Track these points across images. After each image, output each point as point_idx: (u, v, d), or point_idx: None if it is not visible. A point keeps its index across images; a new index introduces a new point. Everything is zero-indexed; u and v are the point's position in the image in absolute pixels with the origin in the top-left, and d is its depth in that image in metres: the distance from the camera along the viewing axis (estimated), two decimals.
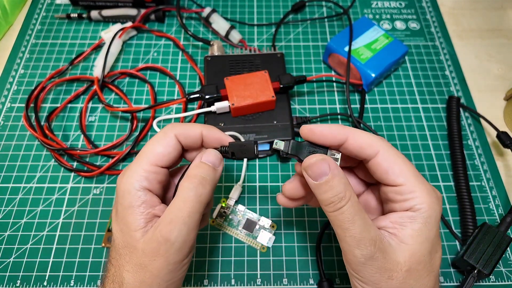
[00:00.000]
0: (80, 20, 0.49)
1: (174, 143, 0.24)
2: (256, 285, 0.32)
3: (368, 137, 0.23)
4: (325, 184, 0.22)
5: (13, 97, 0.42)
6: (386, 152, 0.23)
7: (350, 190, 0.22)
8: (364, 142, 0.23)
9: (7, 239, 0.34)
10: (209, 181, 0.24)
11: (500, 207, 0.37)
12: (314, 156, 0.23)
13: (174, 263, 0.22)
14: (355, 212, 0.21)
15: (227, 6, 0.51)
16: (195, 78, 0.45)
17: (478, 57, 0.47)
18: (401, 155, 0.23)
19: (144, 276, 0.22)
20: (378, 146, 0.23)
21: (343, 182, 0.22)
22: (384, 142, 0.23)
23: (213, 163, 0.24)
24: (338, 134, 0.23)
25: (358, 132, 0.23)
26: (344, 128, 0.24)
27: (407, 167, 0.23)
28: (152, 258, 0.22)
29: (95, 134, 0.40)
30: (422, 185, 0.22)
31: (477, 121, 0.42)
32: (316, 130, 0.24)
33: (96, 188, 0.37)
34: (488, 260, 0.31)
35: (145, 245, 0.22)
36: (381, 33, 0.44)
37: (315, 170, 0.22)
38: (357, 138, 0.23)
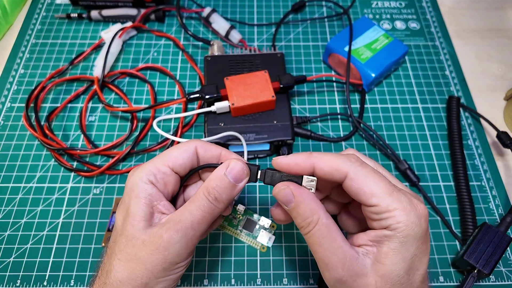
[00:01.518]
0: (80, 20, 0.49)
1: (192, 152, 0.25)
2: (256, 285, 0.32)
3: (334, 161, 0.23)
4: (293, 211, 0.23)
5: (13, 97, 0.42)
6: (354, 174, 0.22)
7: (318, 214, 0.22)
8: (330, 168, 0.23)
9: (7, 238, 0.34)
10: (225, 199, 0.24)
11: (500, 207, 0.37)
12: (279, 185, 0.24)
13: (170, 263, 0.22)
14: (322, 236, 0.22)
15: (227, 6, 0.51)
16: (195, 78, 0.45)
17: (478, 57, 0.47)
18: (371, 173, 0.22)
19: (136, 267, 0.22)
20: (345, 169, 0.23)
21: (309, 208, 0.23)
22: (351, 164, 0.23)
23: (235, 178, 0.24)
24: (303, 163, 0.23)
25: (324, 158, 0.23)
26: (309, 156, 0.23)
27: (379, 187, 0.22)
28: (150, 252, 0.22)
29: (95, 134, 0.40)
30: (398, 203, 0.21)
31: (477, 121, 0.42)
32: (282, 164, 0.24)
33: (96, 188, 0.37)
34: (488, 260, 0.31)
35: (148, 237, 0.22)
36: (381, 33, 0.44)
37: (281, 198, 0.23)
38: (322, 165, 0.23)
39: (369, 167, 0.23)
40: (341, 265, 0.21)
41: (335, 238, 0.22)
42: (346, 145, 0.40)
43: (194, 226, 0.23)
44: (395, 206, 0.21)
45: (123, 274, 0.22)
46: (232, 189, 0.24)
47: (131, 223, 0.23)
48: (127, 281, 0.22)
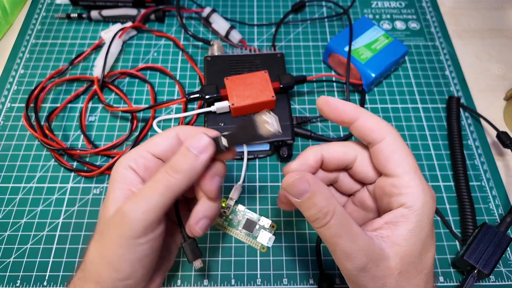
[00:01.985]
0: (80, 20, 0.49)
1: (172, 137, 0.25)
2: (256, 285, 0.32)
3: (379, 122, 0.23)
4: (308, 201, 0.22)
5: (13, 97, 0.42)
6: (392, 140, 0.23)
7: (334, 204, 0.21)
8: (373, 125, 0.23)
9: (7, 239, 0.34)
10: (185, 170, 0.23)
11: (500, 207, 0.37)
12: (292, 174, 0.22)
13: (126, 237, 0.22)
14: (341, 226, 0.21)
15: (227, 6, 0.51)
16: (195, 78, 0.45)
17: (478, 57, 0.47)
18: (406, 147, 0.23)
19: (101, 246, 0.23)
20: (386, 132, 0.23)
21: (325, 197, 0.21)
22: (393, 130, 0.23)
23: (198, 150, 0.23)
24: (351, 112, 0.23)
25: (370, 115, 0.24)
26: (357, 108, 0.24)
27: (408, 160, 0.22)
28: (108, 228, 0.23)
29: (95, 134, 0.40)
30: (418, 181, 0.22)
31: (477, 121, 0.42)
32: (331, 103, 0.24)
33: (96, 188, 0.37)
34: (488, 260, 0.31)
35: (110, 215, 0.23)
36: (381, 33, 0.44)
37: (295, 189, 0.22)
38: (368, 120, 0.23)
39: (403, 141, 0.23)
40: (364, 252, 0.21)
41: (353, 226, 0.21)
42: None
43: (147, 200, 0.22)
44: (416, 183, 0.22)
45: (93, 254, 0.23)
46: (193, 160, 0.23)
47: (105, 206, 0.24)
48: (96, 260, 0.23)
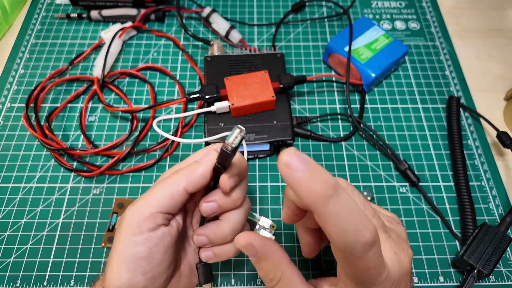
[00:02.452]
0: (80, 20, 0.49)
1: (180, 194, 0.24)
2: (256, 285, 0.32)
3: (338, 234, 0.17)
4: (255, 264, 0.22)
5: (13, 97, 0.42)
6: (345, 254, 0.18)
7: (281, 270, 0.21)
8: (328, 235, 0.18)
9: (7, 239, 0.34)
10: (183, 173, 0.24)
11: (500, 207, 0.37)
12: (241, 236, 0.21)
13: (124, 232, 0.23)
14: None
15: (227, 6, 0.51)
16: (195, 78, 0.44)
17: (478, 57, 0.47)
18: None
19: (110, 253, 0.24)
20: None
21: (271, 264, 0.21)
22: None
23: (200, 159, 0.25)
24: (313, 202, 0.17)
25: (333, 218, 0.17)
26: (321, 201, 0.17)
27: (358, 275, 0.19)
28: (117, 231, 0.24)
29: (95, 134, 0.40)
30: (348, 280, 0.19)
31: (477, 121, 0.42)
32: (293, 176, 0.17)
33: (96, 188, 0.37)
34: (488, 260, 0.31)
35: None
36: (381, 33, 0.44)
37: (245, 251, 0.22)
38: (326, 226, 0.17)
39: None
40: None
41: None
42: (346, 145, 0.40)
43: (143, 196, 0.23)
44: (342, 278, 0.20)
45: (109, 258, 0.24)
46: (194, 164, 0.24)
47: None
48: (108, 264, 0.23)
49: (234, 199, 0.25)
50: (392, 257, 0.21)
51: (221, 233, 0.26)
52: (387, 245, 0.21)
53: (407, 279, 0.22)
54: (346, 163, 0.39)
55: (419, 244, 0.34)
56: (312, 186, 0.16)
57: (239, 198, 0.25)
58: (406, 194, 0.37)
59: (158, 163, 0.38)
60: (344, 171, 0.38)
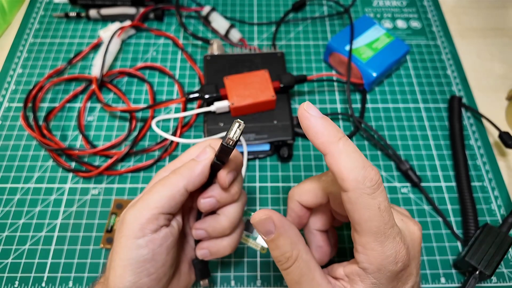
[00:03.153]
0: (79, 19, 0.49)
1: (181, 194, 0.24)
2: (256, 286, 0.32)
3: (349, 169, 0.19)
4: (272, 243, 0.21)
5: (11, 97, 0.42)
6: (355, 197, 0.19)
7: (298, 249, 0.21)
8: (340, 172, 0.19)
9: (5, 240, 0.34)
10: (182, 172, 0.24)
11: (502, 208, 0.36)
12: (259, 212, 0.21)
13: (126, 237, 0.22)
14: (301, 274, 0.21)
15: (227, 4, 0.51)
16: (194, 78, 0.44)
17: (480, 56, 0.47)
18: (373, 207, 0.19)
19: (110, 255, 0.24)
20: (349, 186, 0.19)
21: (289, 242, 0.21)
22: (361, 186, 0.19)
23: (197, 157, 0.25)
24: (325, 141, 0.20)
25: (344, 156, 0.19)
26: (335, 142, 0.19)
27: (370, 222, 0.19)
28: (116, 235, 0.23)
29: (94, 134, 0.40)
30: (378, 245, 0.19)
31: (479, 121, 0.42)
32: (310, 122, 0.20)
33: (94, 189, 0.36)
34: (490, 261, 0.30)
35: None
36: (382, 32, 0.44)
37: (261, 228, 0.21)
38: (337, 163, 0.19)
39: (378, 200, 0.19)
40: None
41: (314, 276, 0.21)
42: None
43: (143, 198, 0.23)
44: (372, 247, 0.19)
45: (108, 264, 0.24)
46: (191, 162, 0.24)
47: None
48: (108, 267, 0.23)
49: (232, 193, 0.25)
50: (400, 222, 0.21)
51: (219, 227, 0.26)
52: (393, 213, 0.21)
53: (419, 249, 0.22)
54: None
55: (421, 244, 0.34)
56: (327, 128, 0.20)
57: (236, 192, 0.25)
58: (408, 195, 0.37)
59: (157, 163, 0.38)
60: None
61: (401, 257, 0.20)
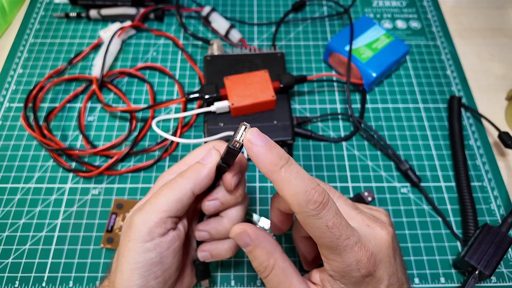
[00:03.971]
0: (79, 19, 0.49)
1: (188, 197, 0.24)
2: (256, 286, 0.32)
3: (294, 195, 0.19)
4: (250, 254, 0.23)
5: (11, 97, 0.42)
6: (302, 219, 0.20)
7: (274, 258, 0.22)
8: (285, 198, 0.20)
9: (5, 239, 0.34)
10: (189, 175, 0.24)
11: (501, 208, 0.36)
12: (236, 226, 0.23)
13: (134, 241, 0.22)
14: (279, 281, 0.22)
15: (227, 5, 0.51)
16: (194, 78, 0.44)
17: (480, 56, 0.47)
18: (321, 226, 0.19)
19: (116, 257, 0.24)
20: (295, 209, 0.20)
21: (265, 252, 0.22)
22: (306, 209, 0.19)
23: (202, 159, 0.25)
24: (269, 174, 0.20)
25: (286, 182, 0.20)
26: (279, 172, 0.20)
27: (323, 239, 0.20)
28: (121, 238, 0.24)
29: (94, 134, 0.40)
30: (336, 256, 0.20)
31: (479, 121, 0.42)
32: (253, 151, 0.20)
33: (95, 189, 0.36)
34: (489, 261, 0.30)
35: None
36: (382, 32, 0.44)
37: (239, 241, 0.23)
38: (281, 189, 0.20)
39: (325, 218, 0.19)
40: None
41: (292, 282, 0.22)
42: (347, 145, 0.40)
43: (151, 201, 0.23)
44: (331, 258, 0.20)
45: (113, 265, 0.24)
46: (197, 165, 0.24)
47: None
48: (113, 270, 0.23)
49: (236, 196, 0.25)
50: (364, 228, 0.22)
51: (222, 229, 0.26)
52: (359, 218, 0.23)
53: (389, 252, 0.22)
54: (347, 163, 0.38)
55: (420, 244, 0.34)
56: (268, 157, 0.20)
57: (240, 195, 0.26)
58: (407, 195, 0.37)
59: (157, 163, 0.38)
60: (345, 172, 0.38)
61: (363, 264, 0.20)
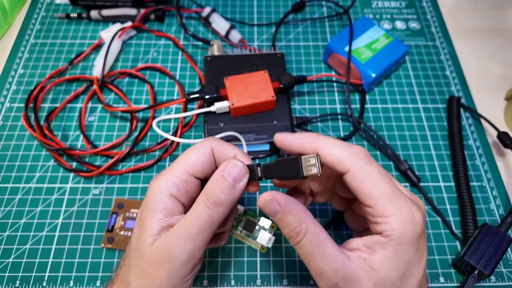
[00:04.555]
0: (80, 20, 0.49)
1: (209, 154, 0.24)
2: (256, 285, 0.32)
3: (340, 152, 0.22)
4: (280, 221, 0.22)
5: (12, 97, 0.42)
6: (357, 170, 0.21)
7: (307, 223, 0.22)
8: (334, 158, 0.22)
9: (6, 239, 0.34)
10: (225, 202, 0.22)
11: (500, 208, 0.37)
12: (263, 195, 0.22)
13: (177, 277, 0.22)
14: (312, 246, 0.22)
15: (227, 5, 0.51)
16: (195, 78, 0.44)
17: (479, 57, 0.47)
18: (375, 175, 0.21)
19: (147, 283, 0.22)
20: (348, 164, 0.21)
21: (297, 217, 0.22)
22: (357, 160, 0.21)
23: (234, 178, 0.23)
24: (308, 146, 0.22)
25: (330, 145, 0.22)
26: (314, 140, 0.22)
27: (379, 189, 0.21)
28: (155, 269, 0.22)
29: (95, 134, 0.40)
30: (395, 209, 0.21)
31: (478, 121, 0.42)
32: (285, 142, 0.23)
33: (95, 188, 0.37)
34: (489, 261, 0.30)
35: (151, 252, 0.22)
36: (382, 33, 0.44)
37: (268, 209, 0.22)
38: (328, 153, 0.22)
39: (376, 167, 0.22)
40: (335, 273, 0.21)
41: (326, 246, 0.22)
42: None
43: (193, 237, 0.22)
44: (391, 212, 0.21)
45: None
46: (231, 190, 0.23)
47: (142, 238, 0.23)
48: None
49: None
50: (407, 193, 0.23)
51: None
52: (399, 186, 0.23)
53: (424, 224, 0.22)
54: None
55: None
56: (302, 135, 0.22)
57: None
58: None
59: (157, 163, 0.38)
60: None
61: (418, 219, 0.21)
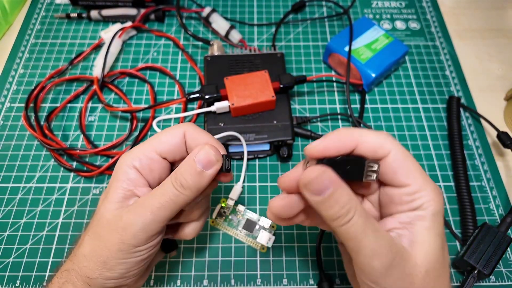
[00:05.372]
0: (80, 20, 0.49)
1: (180, 137, 0.25)
2: (256, 285, 0.32)
3: (378, 138, 0.22)
4: (330, 199, 0.20)
5: (12, 97, 0.42)
6: (397, 152, 0.22)
7: (355, 199, 0.20)
8: (376, 143, 0.22)
9: (6, 239, 0.34)
10: (191, 186, 0.23)
11: (500, 207, 0.37)
12: (312, 169, 0.20)
13: (128, 245, 0.23)
14: (365, 222, 0.20)
15: (227, 6, 0.51)
16: (195, 78, 0.44)
17: (479, 57, 0.47)
18: (409, 156, 0.22)
19: (97, 245, 0.23)
20: (388, 147, 0.22)
21: (347, 193, 0.20)
22: (394, 142, 0.22)
23: (204, 165, 0.23)
24: (349, 140, 0.22)
25: (367, 134, 0.22)
26: (351, 134, 0.22)
27: (415, 166, 0.22)
28: (110, 232, 0.23)
29: (95, 134, 0.40)
30: (428, 183, 0.22)
31: (478, 121, 0.42)
32: (319, 147, 0.21)
33: (95, 188, 0.37)
34: (488, 261, 0.30)
35: (110, 216, 0.23)
36: (381, 33, 0.44)
37: (317, 185, 0.20)
38: (367, 140, 0.22)
39: (405, 149, 0.23)
40: (390, 248, 0.20)
41: (375, 223, 0.21)
42: None
43: (154, 210, 0.23)
44: (427, 187, 0.22)
45: (87, 249, 0.24)
46: (200, 176, 0.23)
47: (104, 203, 0.24)
48: (89, 256, 0.23)
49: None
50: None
51: None
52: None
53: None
54: None
55: None
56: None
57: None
58: None
59: None
60: None
61: (441, 192, 0.22)
